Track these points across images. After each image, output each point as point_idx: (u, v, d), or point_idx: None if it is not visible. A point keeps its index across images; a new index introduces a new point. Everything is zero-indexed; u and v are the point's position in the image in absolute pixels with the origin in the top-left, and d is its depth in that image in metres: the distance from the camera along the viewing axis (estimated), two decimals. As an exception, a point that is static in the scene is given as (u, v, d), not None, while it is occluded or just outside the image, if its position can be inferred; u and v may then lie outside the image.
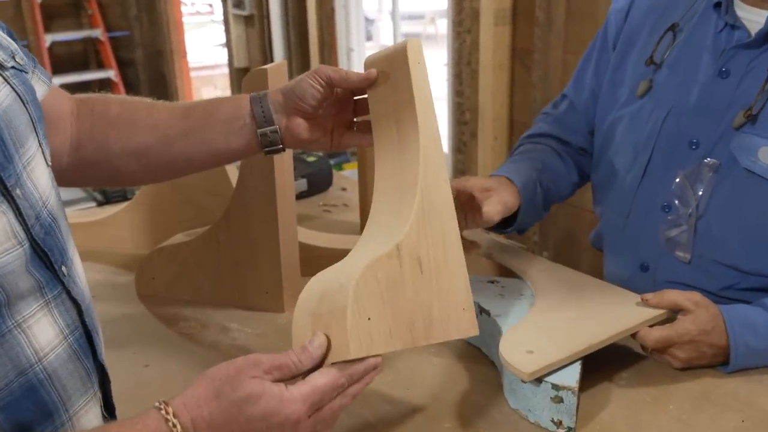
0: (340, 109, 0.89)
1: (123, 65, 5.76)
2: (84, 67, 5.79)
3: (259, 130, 0.85)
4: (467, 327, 0.77)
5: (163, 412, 0.61)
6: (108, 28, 5.66)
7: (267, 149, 0.87)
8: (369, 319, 0.67)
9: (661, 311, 0.93)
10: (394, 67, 0.81)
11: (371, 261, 0.69)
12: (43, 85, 0.81)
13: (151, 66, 5.73)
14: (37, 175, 0.67)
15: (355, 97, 0.89)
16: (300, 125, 0.86)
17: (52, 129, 0.82)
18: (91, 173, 0.89)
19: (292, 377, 0.66)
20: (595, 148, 1.20)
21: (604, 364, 0.93)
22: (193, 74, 5.82)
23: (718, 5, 1.02)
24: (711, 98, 1.01)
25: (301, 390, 0.64)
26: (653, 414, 0.85)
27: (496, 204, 1.03)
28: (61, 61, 5.59)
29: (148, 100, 0.91)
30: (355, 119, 0.90)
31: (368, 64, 0.84)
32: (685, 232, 1.03)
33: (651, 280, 1.09)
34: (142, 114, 0.88)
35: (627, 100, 1.12)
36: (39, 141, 0.70)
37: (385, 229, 0.75)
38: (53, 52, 5.48)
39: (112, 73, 5.65)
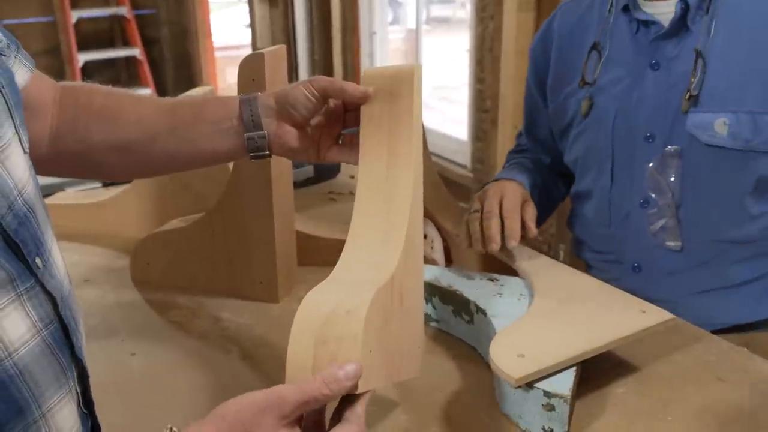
0: (330, 122, 0.85)
1: (148, 43, 5.77)
2: (110, 44, 5.82)
3: (246, 134, 0.82)
4: (417, 367, 0.75)
5: None
6: (134, 6, 5.68)
7: (253, 154, 0.84)
8: (371, 351, 0.63)
9: (665, 317, 0.89)
10: (396, 88, 0.79)
11: (378, 290, 0.65)
12: (26, 70, 0.79)
13: (177, 45, 5.74)
14: (12, 163, 0.65)
15: (348, 111, 0.85)
16: (289, 133, 0.83)
17: (32, 116, 0.80)
18: (71, 164, 0.86)
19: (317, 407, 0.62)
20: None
21: (601, 372, 0.89)
22: (217, 54, 5.82)
23: (626, 8, 1.07)
24: (650, 91, 1.05)
25: None
26: (650, 426, 0.81)
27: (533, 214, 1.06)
28: (87, 38, 5.62)
29: (135, 93, 0.88)
30: (342, 132, 0.87)
31: (367, 78, 0.81)
32: (670, 221, 1.06)
33: (645, 278, 1.11)
34: (127, 108, 0.85)
35: (577, 122, 1.15)
36: (15, 127, 0.67)
37: (372, 252, 0.72)
38: (79, 28, 5.51)
39: (137, 51, 5.67)
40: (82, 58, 5.45)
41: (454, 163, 3.12)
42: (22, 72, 0.78)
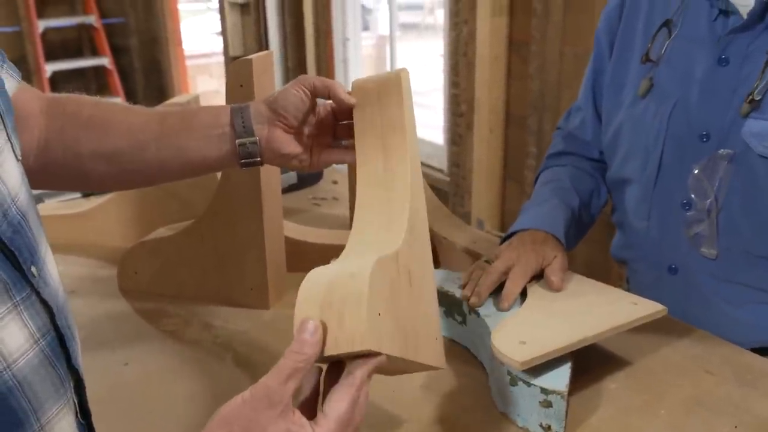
0: (321, 131, 0.87)
1: (117, 52, 5.72)
2: (78, 54, 5.75)
3: (237, 141, 0.83)
4: (439, 358, 0.76)
5: None
6: (102, 15, 5.62)
7: (244, 161, 0.84)
8: (379, 314, 0.63)
9: (657, 308, 0.91)
10: (385, 92, 0.81)
11: (380, 257, 0.66)
12: (13, 81, 0.78)
13: (146, 53, 5.69)
14: (6, 170, 0.64)
15: (339, 122, 0.87)
16: (280, 138, 0.84)
17: (19, 127, 0.79)
18: (60, 176, 0.86)
19: (306, 372, 0.61)
20: (605, 154, 1.18)
21: (593, 368, 0.91)
22: (188, 62, 5.78)
23: None
24: (714, 88, 0.99)
25: (329, 429, 0.60)
26: (644, 419, 0.83)
27: (560, 271, 0.99)
28: (55, 47, 5.55)
29: (125, 103, 0.88)
30: (334, 140, 0.88)
31: (357, 87, 0.83)
32: (707, 228, 1.01)
33: (681, 281, 1.07)
34: (117, 117, 0.85)
35: (631, 101, 1.09)
36: (8, 134, 0.67)
37: (376, 239, 0.73)
38: (46, 38, 5.44)
39: (106, 61, 5.61)
40: (50, 68, 5.38)
41: (430, 167, 3.14)
42: (10, 82, 0.77)
